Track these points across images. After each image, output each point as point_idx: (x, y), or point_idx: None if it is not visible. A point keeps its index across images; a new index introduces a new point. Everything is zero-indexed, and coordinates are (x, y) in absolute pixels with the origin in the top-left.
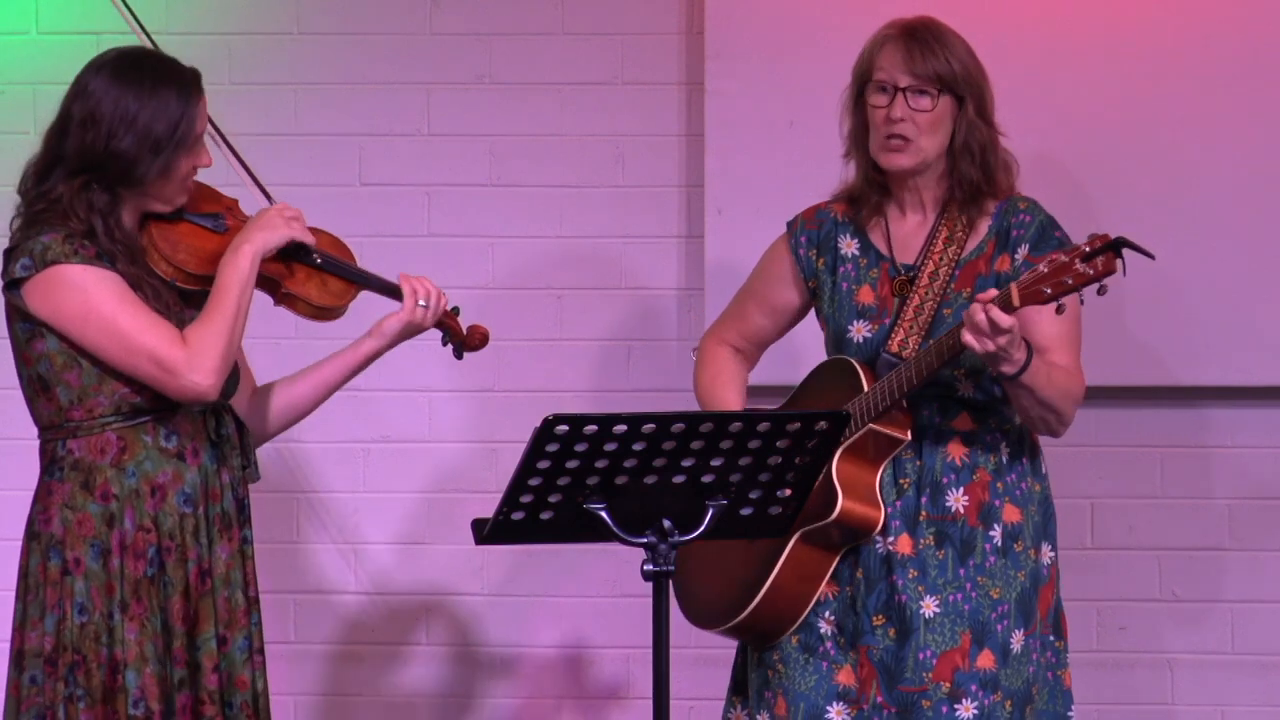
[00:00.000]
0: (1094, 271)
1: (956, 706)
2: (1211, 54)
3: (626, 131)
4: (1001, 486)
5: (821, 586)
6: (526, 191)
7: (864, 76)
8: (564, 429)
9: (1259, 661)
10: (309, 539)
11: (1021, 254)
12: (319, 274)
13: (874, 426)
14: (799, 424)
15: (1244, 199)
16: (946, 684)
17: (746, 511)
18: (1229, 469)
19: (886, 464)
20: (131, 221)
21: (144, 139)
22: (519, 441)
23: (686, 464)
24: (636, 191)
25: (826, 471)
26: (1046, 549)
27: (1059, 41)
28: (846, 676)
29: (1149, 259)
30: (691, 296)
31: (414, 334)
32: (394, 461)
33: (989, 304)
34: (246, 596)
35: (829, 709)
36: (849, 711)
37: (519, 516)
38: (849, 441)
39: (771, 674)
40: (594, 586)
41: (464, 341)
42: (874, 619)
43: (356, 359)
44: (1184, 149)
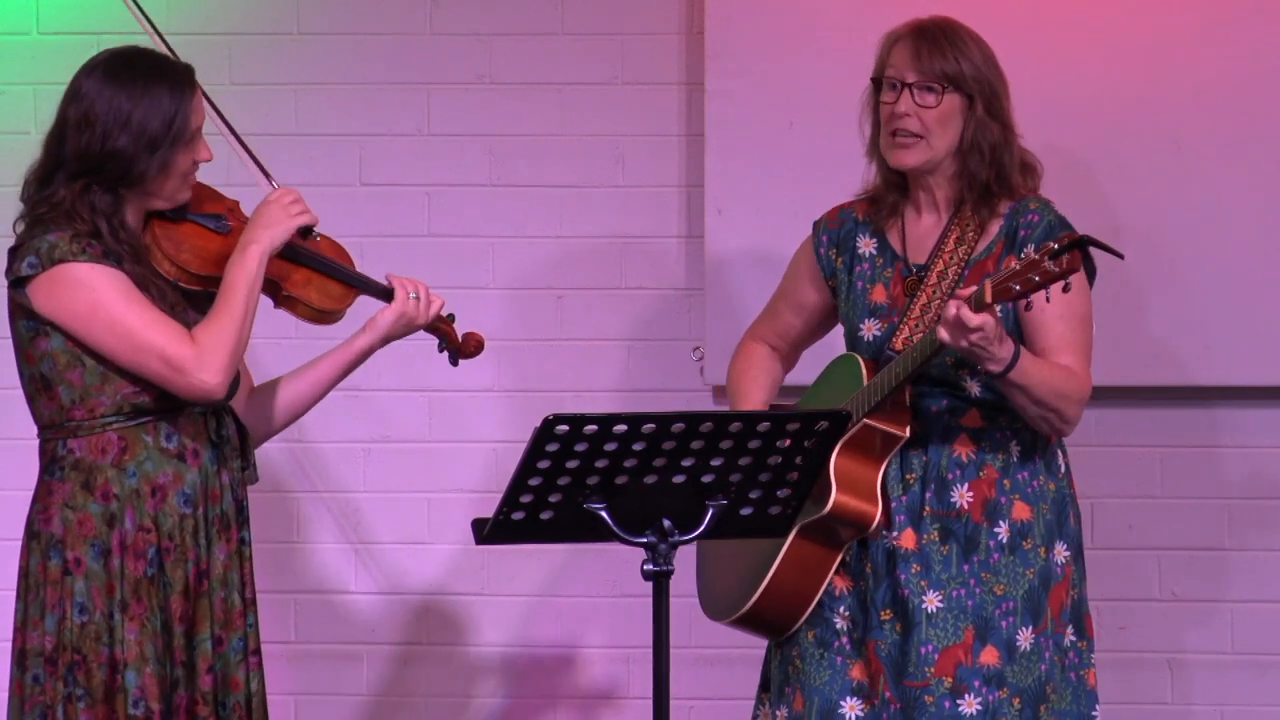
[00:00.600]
0: (1058, 269)
1: (959, 702)
2: (1230, 52)
3: (626, 131)
4: (1010, 484)
5: (826, 581)
6: (526, 191)
7: (877, 75)
8: (564, 429)
9: (1259, 661)
10: (309, 539)
11: (1027, 253)
12: (320, 277)
13: (870, 422)
14: (799, 424)
15: (1250, 198)
16: (949, 679)
17: (746, 511)
18: (1229, 469)
19: (889, 461)
20: (135, 221)
21: (139, 137)
22: (519, 441)
23: (686, 464)
24: (636, 191)
25: (825, 466)
26: (1061, 548)
27: (1075, 38)
28: (860, 672)
29: (1119, 258)
30: (691, 296)
31: (407, 330)
32: (394, 461)
33: (963, 301)
34: (243, 598)
35: (843, 704)
36: (863, 707)
37: (519, 516)
38: (846, 436)
39: (791, 669)
40: (594, 586)
41: (459, 348)
42: (882, 614)
43: (350, 355)
44: (1191, 145)
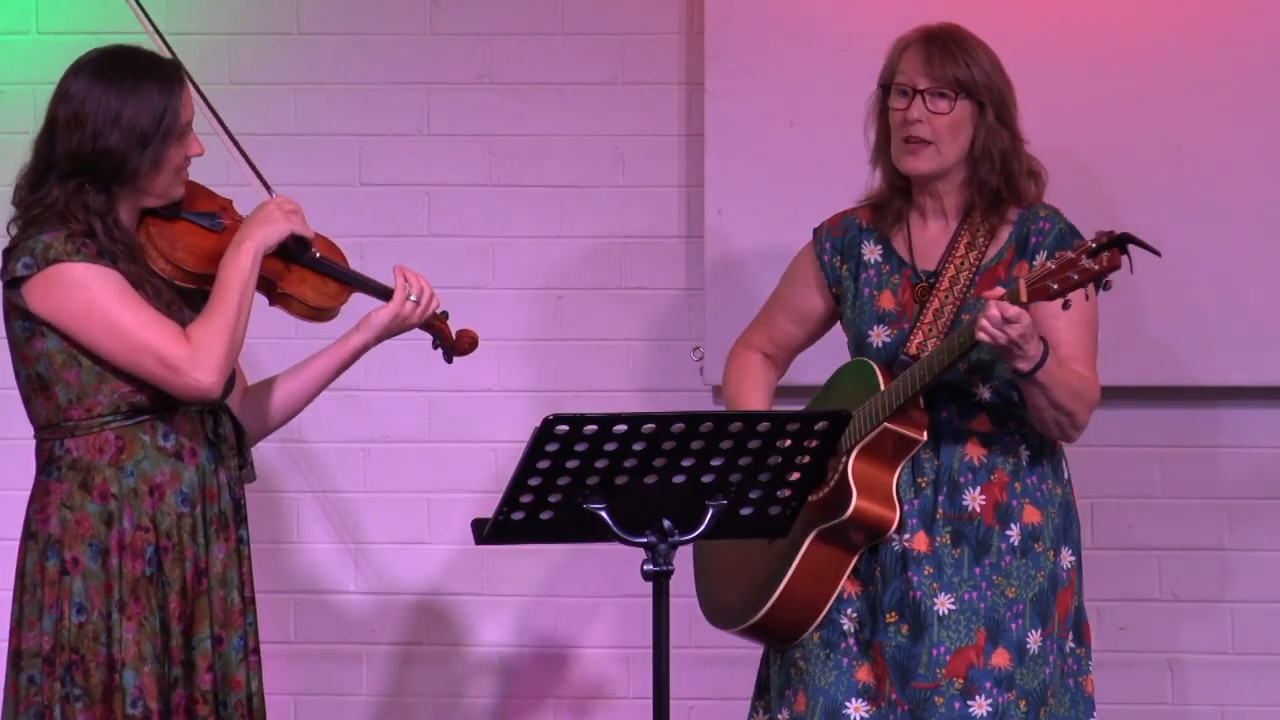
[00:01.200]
0: (1099, 267)
1: (970, 703)
2: (1231, 53)
3: (626, 131)
4: (1021, 488)
5: (840, 586)
6: (526, 191)
7: (886, 81)
8: (564, 429)
9: (1259, 661)
10: (309, 539)
11: (1039, 261)
12: (315, 275)
13: (890, 426)
14: (799, 424)
15: (1250, 198)
16: (960, 680)
17: (746, 511)
18: (1229, 469)
19: (904, 464)
20: (129, 220)
21: (130, 134)
22: (519, 441)
23: (686, 464)
24: (636, 191)
25: (843, 470)
26: (1067, 553)
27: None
28: (866, 674)
29: (1156, 256)
30: (691, 296)
31: (401, 329)
32: (394, 461)
33: (999, 300)
34: (242, 596)
35: (848, 705)
36: (869, 708)
37: (519, 516)
38: (865, 441)
39: (794, 671)
40: (594, 586)
41: (453, 345)
42: (888, 616)
43: (345, 354)
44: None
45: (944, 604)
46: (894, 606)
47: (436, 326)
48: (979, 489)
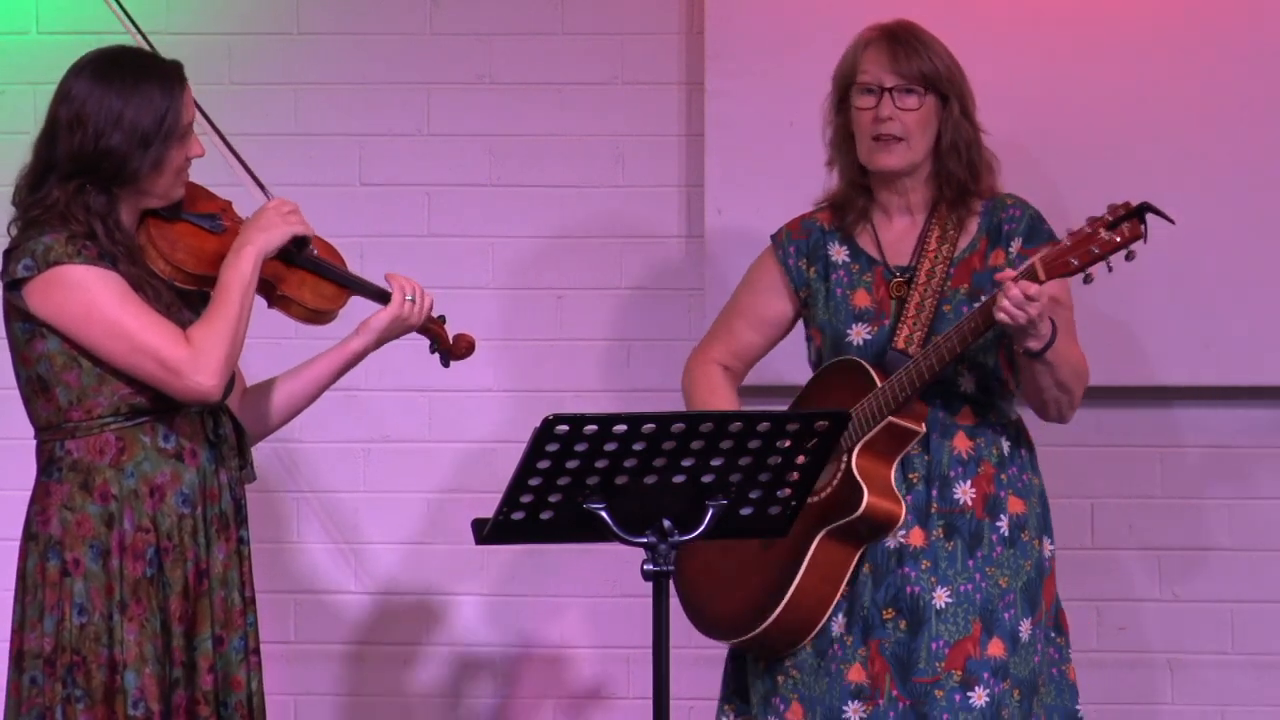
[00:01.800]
0: (1120, 238)
1: (970, 694)
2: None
3: (626, 131)
4: (1005, 478)
5: (843, 586)
6: (526, 191)
7: (847, 80)
8: (564, 429)
9: (1259, 661)
10: (309, 539)
11: (1015, 247)
12: (313, 278)
13: (893, 419)
14: (799, 424)
15: (1251, 197)
16: (959, 672)
17: (746, 511)
18: (1229, 469)
19: (900, 458)
20: (130, 221)
21: (132, 134)
22: (519, 441)
23: (686, 464)
24: (636, 191)
25: (847, 468)
26: (1047, 542)
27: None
28: (857, 674)
29: (1171, 224)
30: (691, 296)
31: (400, 332)
32: (394, 461)
33: (1016, 280)
34: (243, 597)
35: (845, 709)
36: (864, 709)
37: (519, 516)
38: (868, 437)
39: (783, 679)
40: (594, 586)
41: (450, 350)
42: (884, 613)
43: (344, 357)
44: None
45: (941, 598)
46: (890, 603)
47: (433, 330)
48: (969, 482)
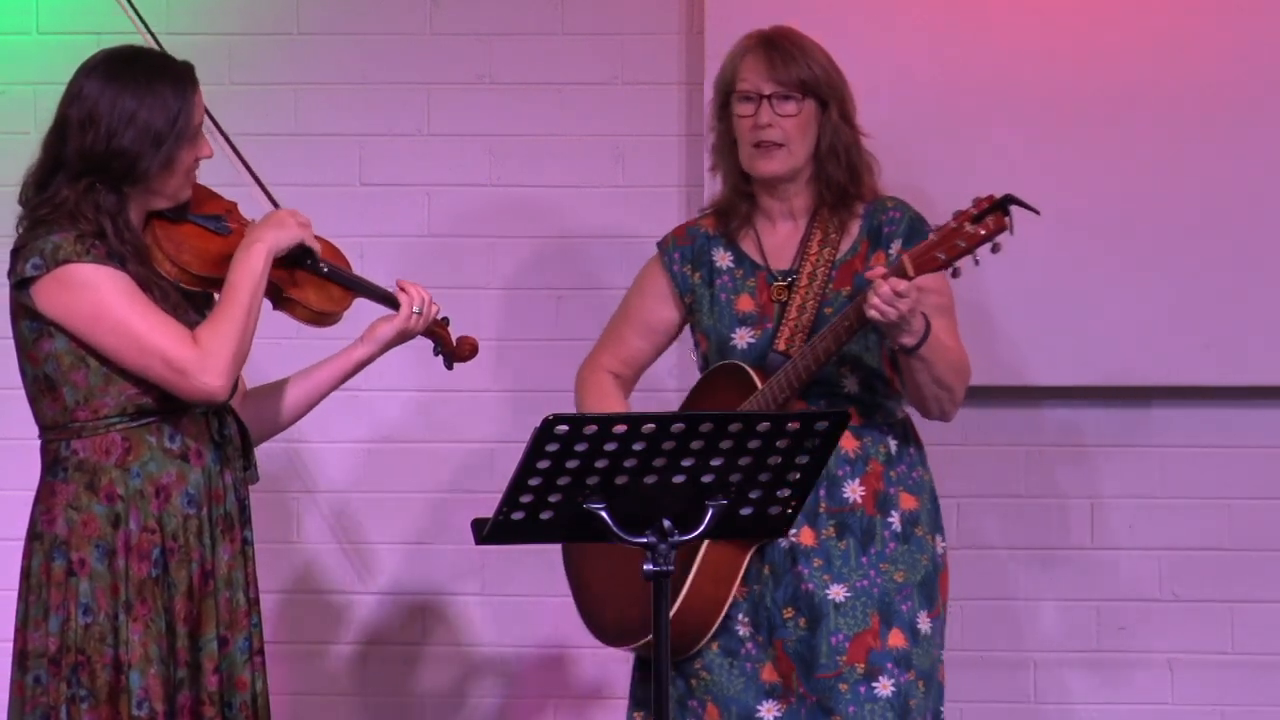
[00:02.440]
0: (985, 231)
1: (874, 685)
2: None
3: (626, 131)
4: (895, 475)
5: (735, 586)
6: (526, 191)
7: (727, 88)
8: (564, 429)
9: (1259, 661)
10: (309, 539)
11: (895, 249)
12: (319, 280)
13: None
14: (799, 424)
15: (1252, 196)
16: (861, 665)
17: (746, 511)
18: (1228, 469)
19: None
20: (137, 222)
21: (144, 134)
22: (519, 441)
23: (686, 464)
24: (636, 191)
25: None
26: (939, 539)
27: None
28: (770, 674)
29: (1035, 214)
30: None
31: (405, 340)
32: (394, 461)
33: (884, 277)
34: (247, 597)
35: (759, 708)
36: (779, 707)
37: (519, 516)
38: None
39: (695, 682)
40: None
41: (454, 352)
42: (784, 612)
43: (347, 365)
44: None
45: (838, 593)
46: (789, 602)
47: (438, 333)
48: (858, 480)
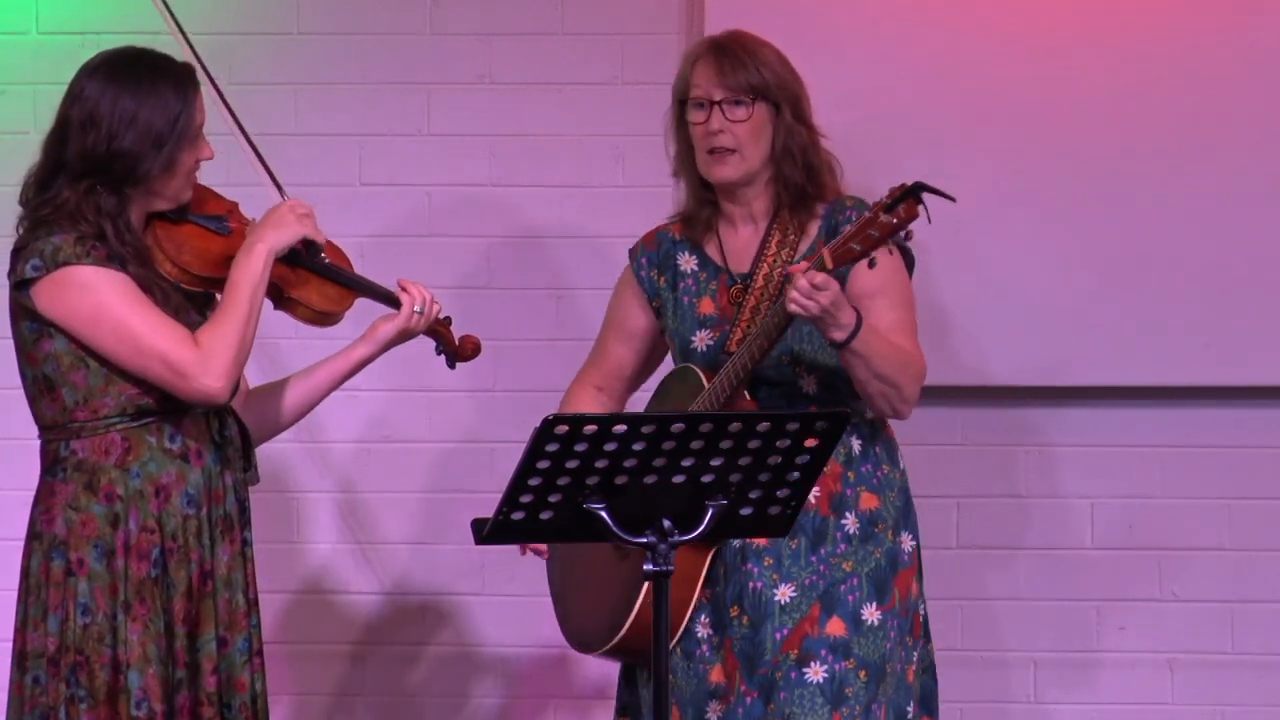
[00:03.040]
0: (897, 220)
1: (805, 670)
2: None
3: (626, 131)
4: (854, 476)
5: (698, 588)
6: (526, 191)
7: (682, 96)
8: (564, 429)
9: (1259, 661)
10: (309, 539)
11: (859, 217)
12: (321, 280)
13: None
14: (799, 424)
15: (1256, 195)
16: (795, 651)
17: (746, 511)
18: (1228, 469)
19: None
20: (138, 223)
21: (145, 135)
22: (519, 441)
23: (686, 464)
24: (636, 191)
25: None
26: (907, 537)
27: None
28: (717, 674)
29: (951, 201)
30: None
31: (406, 339)
32: (394, 461)
33: (805, 270)
34: (247, 598)
35: (707, 709)
36: (720, 708)
37: (519, 516)
38: None
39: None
40: None
41: (456, 351)
42: (730, 611)
43: (348, 365)
44: (1193, 147)
45: (785, 594)
46: (735, 601)
47: (440, 332)
48: None
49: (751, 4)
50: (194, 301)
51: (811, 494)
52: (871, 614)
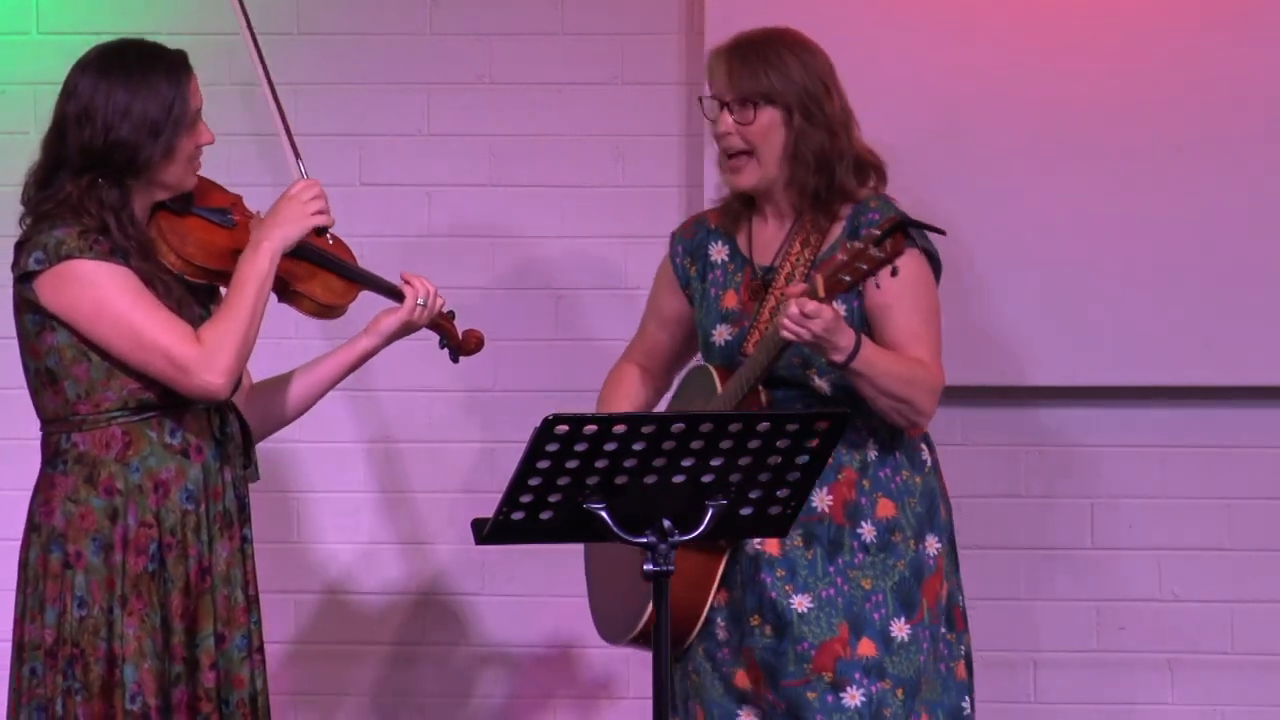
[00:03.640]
0: (884, 254)
1: (842, 695)
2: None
3: (626, 131)
4: (870, 483)
5: (713, 591)
6: (526, 191)
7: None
8: (564, 429)
9: (1259, 661)
10: (309, 538)
11: (851, 245)
12: (325, 273)
13: None
14: (799, 424)
15: (1247, 198)
16: (829, 674)
17: (746, 511)
18: (1228, 469)
19: None
20: (141, 215)
21: (141, 124)
22: (519, 441)
23: (686, 464)
24: (636, 191)
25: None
26: (932, 540)
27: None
28: (742, 680)
29: (941, 234)
30: None
31: (409, 333)
32: (394, 461)
33: (798, 296)
34: (246, 595)
35: (739, 713)
36: (754, 712)
37: (519, 516)
38: None
39: (691, 684)
40: None
41: (460, 346)
42: (751, 619)
43: (352, 357)
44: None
45: (801, 604)
46: (755, 609)
47: (443, 326)
48: (826, 489)
49: (752, 4)
50: (197, 294)
51: (826, 502)
52: (901, 630)
